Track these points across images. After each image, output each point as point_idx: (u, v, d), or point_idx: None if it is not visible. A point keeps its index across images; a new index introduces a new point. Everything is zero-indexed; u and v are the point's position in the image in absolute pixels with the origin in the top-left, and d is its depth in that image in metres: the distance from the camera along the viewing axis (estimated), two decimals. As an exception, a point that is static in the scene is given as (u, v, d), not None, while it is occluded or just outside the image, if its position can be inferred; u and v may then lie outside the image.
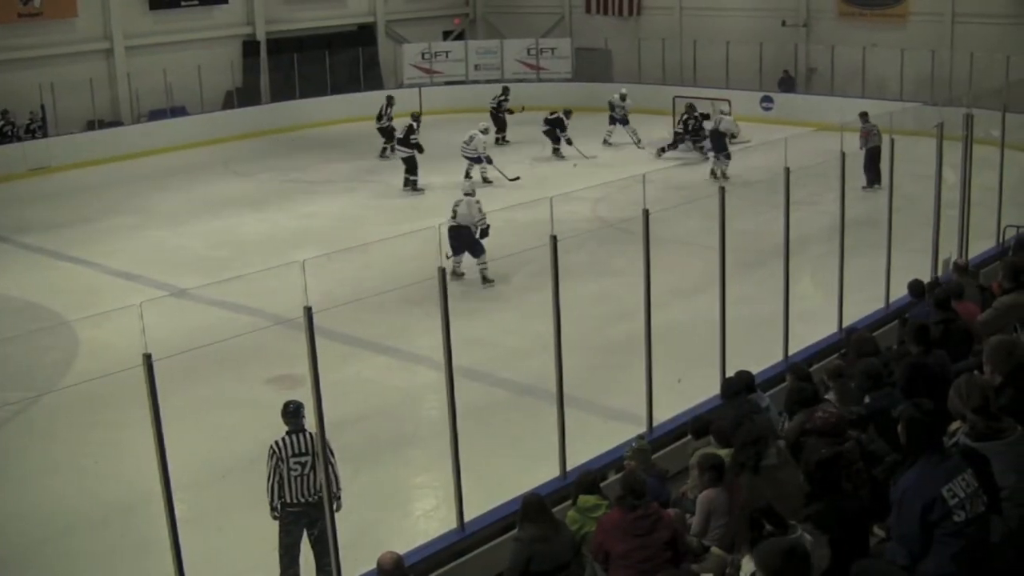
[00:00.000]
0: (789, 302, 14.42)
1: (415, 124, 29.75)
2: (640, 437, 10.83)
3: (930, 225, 16.77)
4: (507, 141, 34.99)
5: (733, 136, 29.40)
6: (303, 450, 10.88)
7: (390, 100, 33.76)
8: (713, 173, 28.67)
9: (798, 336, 14.59)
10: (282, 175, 31.88)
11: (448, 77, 42.11)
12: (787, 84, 38.59)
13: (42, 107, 33.99)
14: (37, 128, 33.89)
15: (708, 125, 30.56)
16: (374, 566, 8.68)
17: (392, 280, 15.02)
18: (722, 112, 31.70)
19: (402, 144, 29.76)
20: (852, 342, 11.88)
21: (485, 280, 20.52)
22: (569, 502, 10.18)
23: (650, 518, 8.55)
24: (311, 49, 40.28)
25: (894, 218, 16.11)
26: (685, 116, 32.28)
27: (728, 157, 28.60)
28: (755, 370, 12.03)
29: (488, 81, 41.39)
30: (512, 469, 12.76)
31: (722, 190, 13.16)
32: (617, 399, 14.75)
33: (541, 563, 8.76)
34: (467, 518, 11.10)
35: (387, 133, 33.31)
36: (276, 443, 11.00)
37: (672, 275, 17.32)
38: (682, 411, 13.16)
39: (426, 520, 12.75)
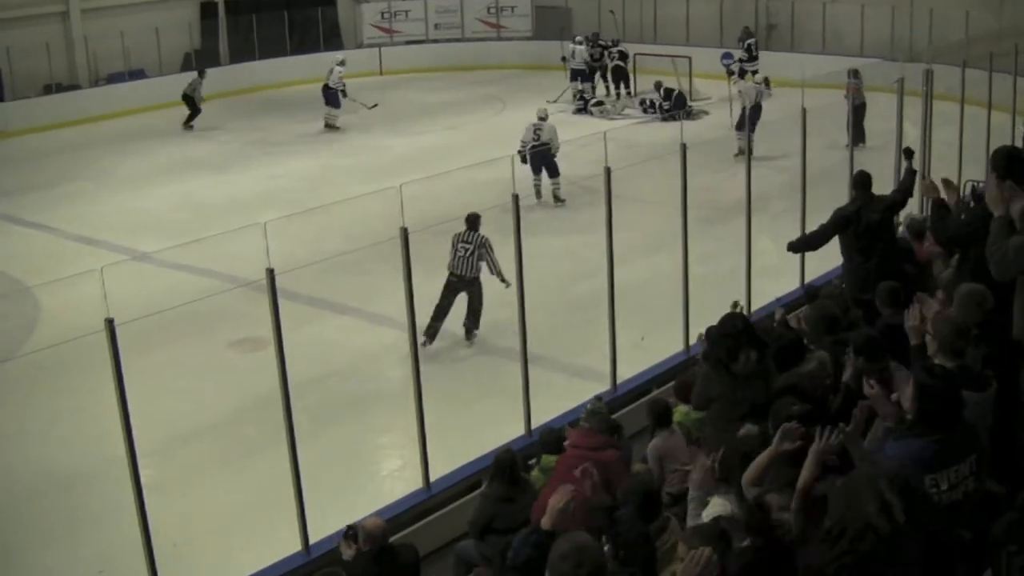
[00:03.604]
0: (751, 258, 14.49)
1: None
2: (597, 398, 10.88)
3: (891, 180, 16.83)
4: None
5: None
6: (469, 240, 15.95)
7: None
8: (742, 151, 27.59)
9: (760, 292, 14.66)
10: (243, 137, 31.66)
11: (408, 36, 41.80)
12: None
13: (-2, 71, 33.69)
14: (-7, 93, 33.63)
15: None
16: (343, 528, 8.67)
17: (355, 240, 15.00)
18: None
19: None
20: (812, 296, 11.98)
21: (557, 199, 23.03)
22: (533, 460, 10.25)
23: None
24: (269, 10, 39.81)
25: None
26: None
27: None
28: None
29: (448, 40, 41.20)
30: (477, 428, 12.79)
31: (683, 147, 13.18)
32: (581, 357, 14.79)
33: (503, 522, 8.80)
34: (433, 477, 11.15)
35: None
36: (455, 235, 16.02)
37: (634, 232, 17.36)
38: (645, 368, 13.24)
39: (392, 480, 12.77)
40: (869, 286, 10.74)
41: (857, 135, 23.45)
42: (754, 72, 32.02)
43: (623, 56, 34.70)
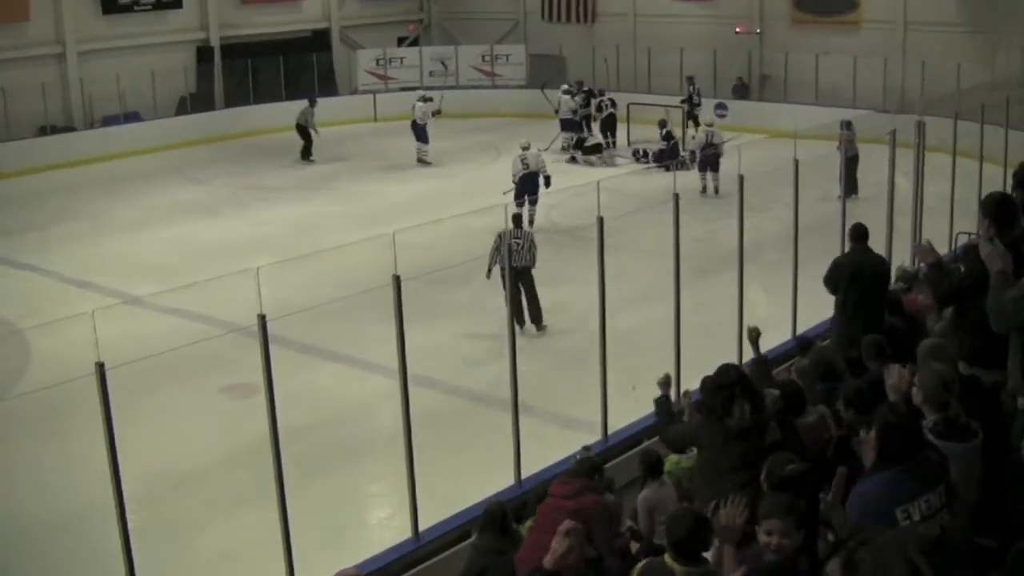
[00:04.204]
0: (743, 308, 14.48)
1: None
2: (585, 448, 10.83)
3: (883, 232, 16.87)
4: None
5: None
6: (520, 236, 18.35)
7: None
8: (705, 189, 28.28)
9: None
10: (237, 181, 31.74)
11: (403, 83, 41.95)
12: (741, 91, 38.79)
13: (-7, 112, 33.74)
14: (-11, 134, 33.67)
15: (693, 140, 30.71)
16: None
17: (348, 287, 15.01)
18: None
19: None
20: (806, 348, 12.00)
21: (531, 222, 24.19)
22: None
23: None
24: (265, 55, 40.03)
25: (848, 225, 16.18)
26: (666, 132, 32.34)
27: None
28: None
29: (442, 87, 41.32)
30: (467, 478, 12.75)
31: (676, 197, 13.21)
32: (572, 407, 14.75)
33: (494, 574, 8.75)
34: (422, 527, 11.10)
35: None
36: (501, 232, 17.23)
37: (626, 282, 17.36)
38: (637, 418, 13.20)
39: (381, 529, 12.72)
40: (857, 342, 10.74)
41: (849, 186, 23.47)
42: (695, 117, 33.94)
43: (614, 104, 34.89)
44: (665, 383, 10.41)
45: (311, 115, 34.54)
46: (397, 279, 10.37)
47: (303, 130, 34.43)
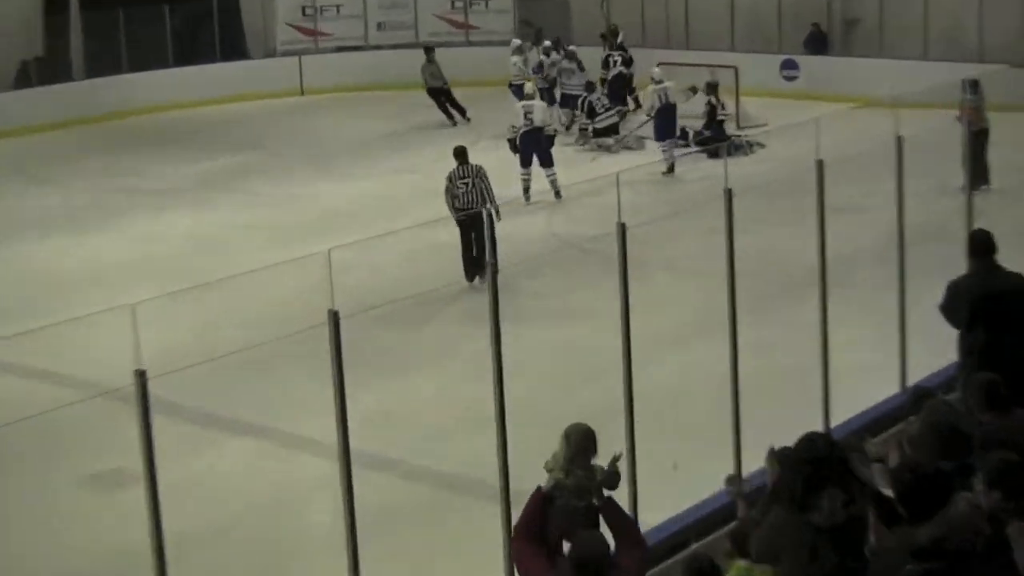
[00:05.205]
0: (828, 350, 14.39)
1: None
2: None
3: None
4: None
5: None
6: (466, 175, 22.50)
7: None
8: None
9: (842, 398, 14.51)
10: (105, 182, 31.75)
11: (340, 41, 42.04)
12: (817, 43, 38.80)
13: None
14: None
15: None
16: None
17: (265, 328, 14.95)
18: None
19: None
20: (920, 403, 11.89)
21: (557, 194, 27.61)
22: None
23: None
24: (144, 4, 40.01)
25: (979, 226, 16.10)
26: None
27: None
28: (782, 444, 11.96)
29: (396, 46, 41.24)
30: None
31: (728, 193, 13.11)
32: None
33: None
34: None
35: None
36: (450, 173, 22.65)
37: (658, 315, 17.30)
38: (680, 511, 13.07)
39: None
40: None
41: (978, 173, 23.47)
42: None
43: (626, 63, 34.91)
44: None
45: (438, 69, 38.26)
46: (335, 316, 10.25)
47: (441, 92, 38.18)
